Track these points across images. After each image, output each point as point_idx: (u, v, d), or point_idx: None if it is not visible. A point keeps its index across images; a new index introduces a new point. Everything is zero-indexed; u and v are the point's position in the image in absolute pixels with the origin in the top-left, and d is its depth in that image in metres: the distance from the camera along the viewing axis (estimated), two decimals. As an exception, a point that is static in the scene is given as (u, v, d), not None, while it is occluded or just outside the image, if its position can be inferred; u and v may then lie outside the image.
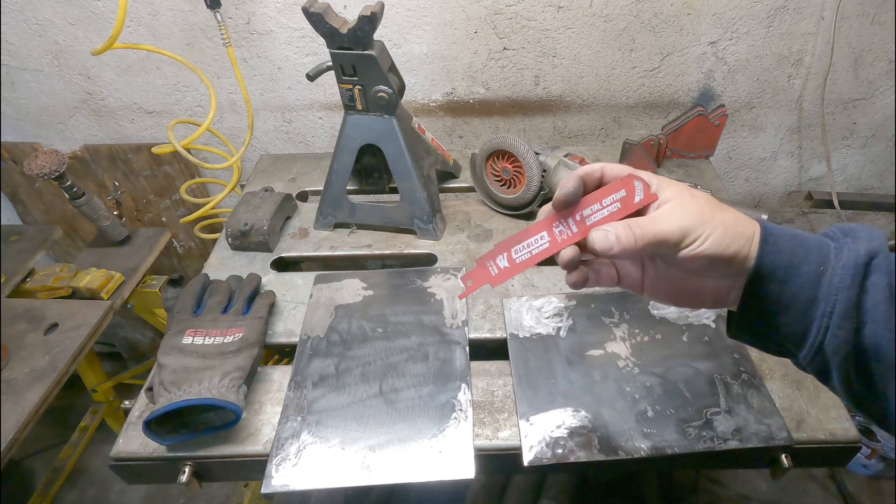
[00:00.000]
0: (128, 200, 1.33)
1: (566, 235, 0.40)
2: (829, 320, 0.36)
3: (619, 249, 0.37)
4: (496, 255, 0.41)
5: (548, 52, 1.09)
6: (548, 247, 0.40)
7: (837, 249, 0.37)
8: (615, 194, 0.40)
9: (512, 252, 0.41)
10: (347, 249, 0.91)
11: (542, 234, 0.40)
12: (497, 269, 0.41)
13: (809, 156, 1.27)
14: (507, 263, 0.41)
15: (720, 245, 0.37)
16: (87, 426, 1.37)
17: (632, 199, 0.39)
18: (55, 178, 0.89)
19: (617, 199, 0.39)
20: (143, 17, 1.05)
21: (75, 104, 1.18)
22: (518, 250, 0.41)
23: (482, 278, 0.41)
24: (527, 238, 0.41)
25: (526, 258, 0.41)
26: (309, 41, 1.08)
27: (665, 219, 0.38)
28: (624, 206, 0.39)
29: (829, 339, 0.36)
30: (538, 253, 0.40)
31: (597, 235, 0.38)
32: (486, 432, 0.64)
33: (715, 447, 0.61)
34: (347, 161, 0.88)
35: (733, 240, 0.37)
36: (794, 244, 0.37)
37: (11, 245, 1.03)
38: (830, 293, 0.36)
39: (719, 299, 0.41)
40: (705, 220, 0.37)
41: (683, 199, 0.39)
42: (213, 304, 0.73)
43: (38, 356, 0.80)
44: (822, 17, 1.04)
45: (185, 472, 0.63)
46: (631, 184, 0.39)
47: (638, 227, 0.37)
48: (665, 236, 0.37)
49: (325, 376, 0.70)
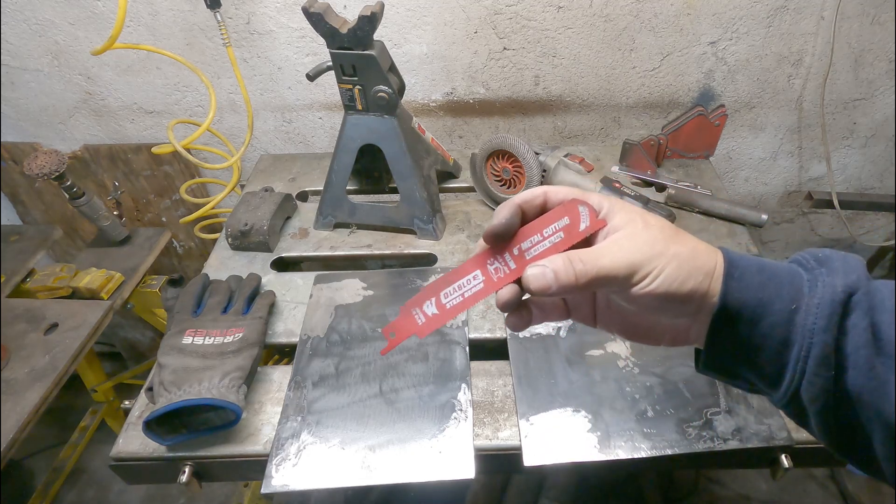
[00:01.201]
0: (128, 200, 1.33)
1: (502, 273, 0.35)
2: (805, 365, 0.32)
3: (558, 288, 0.33)
4: (423, 302, 0.36)
5: (548, 52, 1.09)
6: (482, 287, 0.35)
7: (811, 282, 0.33)
8: (557, 222, 0.35)
9: (441, 297, 0.35)
10: (347, 249, 0.91)
11: (474, 274, 0.35)
12: (424, 317, 0.36)
13: (809, 156, 1.27)
14: (435, 310, 0.35)
15: (673, 282, 0.32)
16: (87, 426, 1.36)
17: (577, 227, 0.35)
18: (55, 178, 0.89)
19: (560, 228, 0.35)
20: (143, 17, 1.05)
21: (75, 104, 1.18)
22: (448, 294, 0.35)
23: (407, 329, 0.36)
24: (458, 279, 0.35)
25: (457, 302, 0.35)
26: (309, 41, 1.08)
27: (611, 252, 0.33)
28: (568, 235, 0.35)
29: (806, 385, 0.32)
30: (471, 295, 0.35)
31: (532, 273, 0.34)
32: (486, 432, 0.64)
33: (715, 447, 0.61)
34: (347, 161, 0.88)
35: (689, 276, 0.33)
36: (763, 278, 0.33)
37: (11, 245, 1.03)
38: (805, 335, 0.32)
39: (678, 337, 0.37)
40: (657, 253, 0.33)
41: (634, 228, 0.34)
42: (213, 304, 0.73)
43: (38, 356, 0.80)
44: (822, 17, 1.04)
45: (185, 472, 0.63)
46: (575, 210, 0.35)
47: (580, 261, 0.33)
48: (610, 272, 0.33)
49: (325, 376, 0.70)
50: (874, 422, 0.31)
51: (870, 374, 0.30)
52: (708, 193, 0.96)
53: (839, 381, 0.31)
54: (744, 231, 0.91)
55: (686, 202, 0.95)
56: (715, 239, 0.90)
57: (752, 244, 0.88)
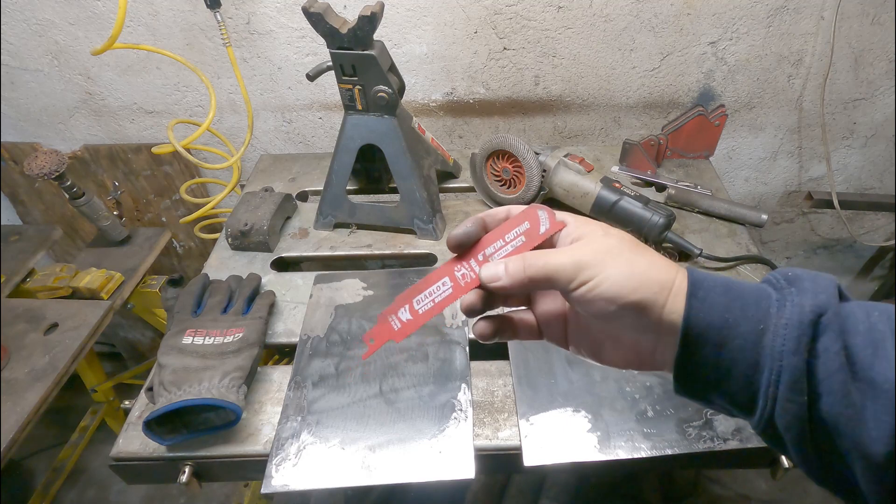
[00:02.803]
0: (128, 200, 1.33)
1: (469, 279, 0.37)
2: (776, 390, 0.30)
3: (508, 281, 0.34)
4: (398, 309, 0.38)
5: (548, 52, 1.09)
6: (451, 293, 0.37)
7: (780, 302, 0.31)
8: (518, 227, 0.37)
9: (414, 303, 0.38)
10: (347, 249, 0.91)
11: (443, 280, 0.37)
12: (399, 322, 0.38)
13: (809, 156, 1.27)
14: (409, 316, 0.38)
15: (621, 288, 0.32)
16: (87, 426, 1.36)
17: (537, 230, 0.36)
18: (55, 178, 0.89)
19: (521, 233, 0.37)
20: (143, 17, 1.05)
21: (75, 104, 1.18)
22: (420, 300, 0.37)
23: (385, 334, 0.38)
24: (428, 286, 0.37)
25: (429, 307, 0.37)
26: (309, 41, 1.08)
27: (563, 252, 0.34)
28: (529, 238, 0.36)
29: (779, 412, 0.30)
30: (441, 300, 0.37)
31: (487, 267, 0.35)
32: (486, 432, 0.64)
33: (715, 447, 0.61)
34: (347, 161, 0.88)
35: (640, 285, 0.32)
36: (728, 298, 0.32)
37: (11, 245, 1.03)
38: (774, 358, 0.30)
39: (643, 359, 0.36)
40: (609, 258, 0.33)
41: (594, 236, 0.35)
42: (213, 304, 0.73)
43: (38, 356, 0.80)
44: (822, 17, 1.04)
45: (185, 472, 0.63)
46: (534, 214, 0.37)
47: (531, 256, 0.34)
48: (556, 268, 0.33)
49: (325, 376, 0.70)
50: (853, 452, 0.29)
51: (845, 400, 0.29)
52: (708, 193, 0.96)
53: (813, 408, 0.30)
54: (744, 231, 0.91)
55: (686, 202, 0.95)
56: (715, 239, 0.90)
57: (752, 244, 0.88)
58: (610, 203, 0.86)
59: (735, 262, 0.84)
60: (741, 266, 0.85)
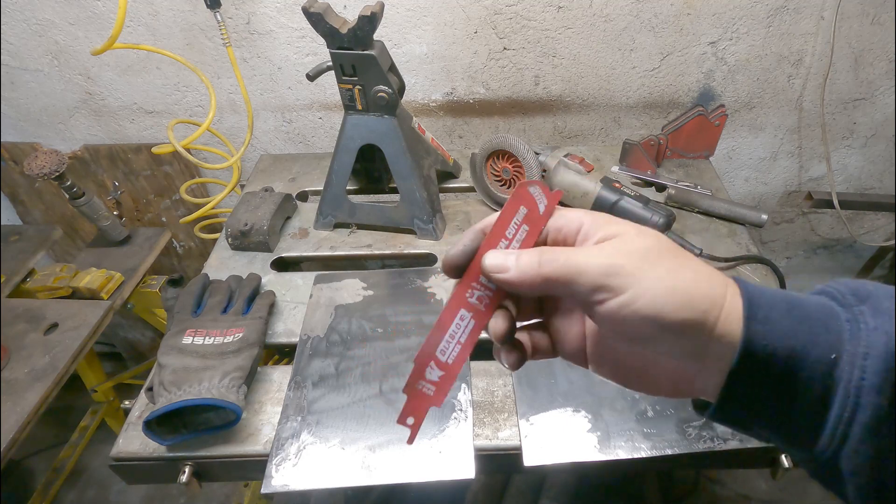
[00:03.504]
0: (128, 200, 1.33)
1: (488, 297, 0.31)
2: (848, 430, 0.25)
3: (517, 275, 0.28)
4: (424, 370, 0.32)
5: (548, 52, 1.09)
6: (474, 324, 0.31)
7: (851, 324, 0.26)
8: (516, 217, 0.30)
9: (438, 356, 0.32)
10: (347, 249, 0.91)
11: (460, 315, 0.31)
12: (433, 385, 0.32)
13: (809, 156, 1.27)
14: (440, 372, 0.32)
15: (662, 306, 0.26)
16: (87, 426, 1.36)
17: (537, 211, 0.30)
18: (55, 178, 0.89)
19: (522, 221, 0.30)
20: (143, 17, 1.05)
21: (75, 104, 1.18)
22: (444, 349, 0.31)
23: (423, 406, 0.33)
24: (446, 329, 0.31)
25: (458, 352, 0.31)
26: (309, 41, 1.08)
27: (589, 252, 0.28)
28: (532, 224, 0.30)
29: (849, 454, 0.25)
30: (468, 338, 0.31)
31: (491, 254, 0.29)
32: (486, 432, 0.64)
33: (715, 447, 0.61)
34: (347, 161, 0.88)
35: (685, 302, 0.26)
36: (794, 320, 0.26)
37: (11, 245, 1.03)
38: (849, 394, 0.25)
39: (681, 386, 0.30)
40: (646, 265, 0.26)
41: (626, 236, 0.28)
42: (213, 304, 0.73)
43: (38, 356, 0.80)
44: (822, 17, 1.04)
45: (185, 472, 0.63)
46: (526, 194, 0.30)
47: (549, 251, 0.28)
48: (579, 269, 0.27)
49: (325, 376, 0.70)
50: None
51: None
52: (708, 193, 0.96)
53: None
54: (744, 231, 0.91)
55: (686, 202, 0.95)
56: (715, 239, 0.90)
57: (752, 244, 0.88)
58: (610, 203, 0.86)
59: (735, 262, 0.84)
60: (741, 266, 0.85)
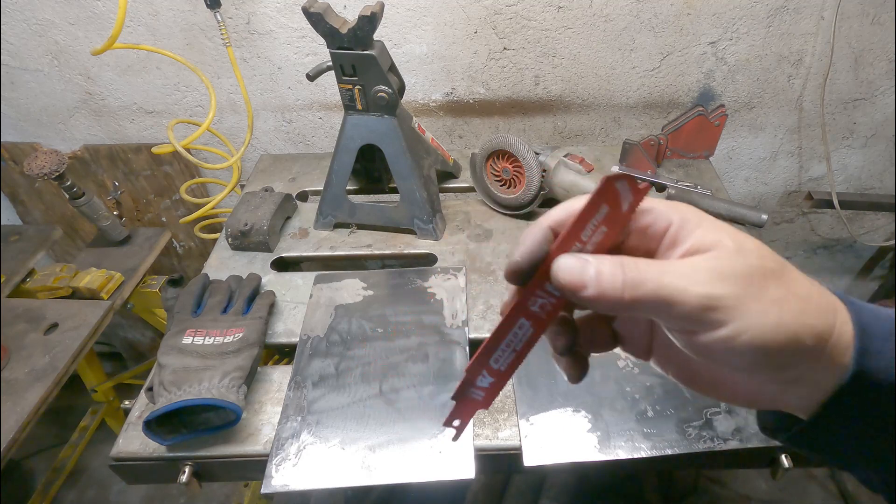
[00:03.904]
0: (128, 200, 1.33)
1: (550, 304, 0.27)
2: None
3: (596, 292, 0.23)
4: (475, 377, 0.31)
5: (548, 52, 1.09)
6: (532, 332, 0.29)
7: None
8: (596, 216, 0.25)
9: (491, 363, 0.30)
10: (347, 249, 0.91)
11: (519, 323, 0.28)
12: (482, 391, 0.31)
13: (809, 156, 1.27)
14: (491, 378, 0.31)
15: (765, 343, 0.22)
16: (87, 426, 1.37)
17: (620, 210, 0.25)
18: (55, 178, 0.89)
19: (601, 222, 0.25)
20: (143, 17, 1.05)
21: (75, 104, 1.18)
22: (498, 357, 0.30)
23: (469, 410, 0.32)
24: (503, 337, 0.29)
25: (511, 359, 0.30)
26: (309, 41, 1.08)
27: (682, 272, 0.23)
28: (611, 225, 0.26)
29: None
30: (523, 346, 0.29)
31: (565, 263, 0.24)
32: (486, 432, 0.64)
33: (715, 447, 0.61)
34: (347, 161, 0.88)
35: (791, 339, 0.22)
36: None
37: (11, 245, 1.03)
38: None
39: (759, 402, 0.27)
40: (751, 293, 0.22)
41: (724, 252, 0.24)
42: (213, 304, 0.73)
43: (38, 356, 0.80)
44: (822, 17, 1.04)
45: (185, 472, 0.63)
46: (612, 189, 0.25)
47: (635, 268, 0.23)
48: (672, 298, 0.22)
49: (325, 376, 0.70)
50: None
51: None
52: (708, 193, 0.96)
53: None
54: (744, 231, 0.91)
55: (686, 202, 0.95)
56: (715, 239, 0.89)
57: (752, 244, 0.88)
58: (610, 203, 0.86)
59: (735, 262, 0.84)
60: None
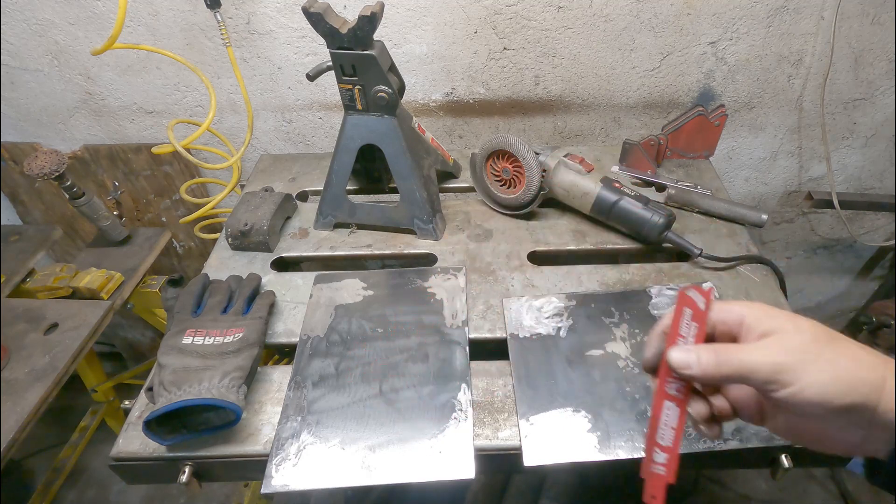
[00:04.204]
0: (128, 200, 1.33)
1: (683, 387, 0.39)
2: None
3: (699, 372, 0.34)
4: (651, 456, 0.40)
5: (548, 52, 1.09)
6: (679, 409, 0.39)
7: None
8: (684, 318, 0.38)
9: (659, 441, 0.40)
10: (347, 249, 0.91)
11: (666, 406, 0.39)
12: (662, 466, 0.40)
13: (809, 156, 1.27)
14: (665, 455, 0.40)
15: (826, 394, 0.31)
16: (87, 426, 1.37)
17: (699, 309, 0.38)
18: (55, 178, 0.89)
19: (690, 320, 0.38)
20: (143, 17, 1.05)
21: (75, 104, 1.18)
22: (662, 436, 0.40)
23: (660, 484, 0.40)
24: (658, 421, 0.40)
25: (672, 435, 0.40)
26: (309, 41, 1.08)
27: (757, 350, 0.33)
28: (699, 320, 0.38)
29: None
30: (677, 423, 0.39)
31: (675, 354, 0.36)
32: (486, 432, 0.64)
33: (715, 447, 0.61)
34: (347, 161, 0.88)
35: (849, 388, 0.31)
36: None
37: (11, 245, 1.03)
38: None
39: (852, 449, 0.35)
40: (808, 358, 0.32)
41: (785, 331, 0.34)
42: (213, 304, 0.73)
43: (38, 356, 0.80)
44: (822, 17, 1.04)
45: (185, 472, 0.63)
46: (687, 299, 0.38)
47: (724, 351, 0.34)
48: (751, 369, 0.33)
49: (325, 376, 0.70)
50: None
51: None
52: (708, 193, 0.96)
53: None
54: (744, 231, 0.91)
55: (686, 202, 0.95)
56: (715, 239, 0.90)
57: (752, 244, 0.88)
58: (610, 203, 0.86)
59: (735, 262, 0.84)
60: (741, 266, 0.85)
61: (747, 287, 0.81)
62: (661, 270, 0.84)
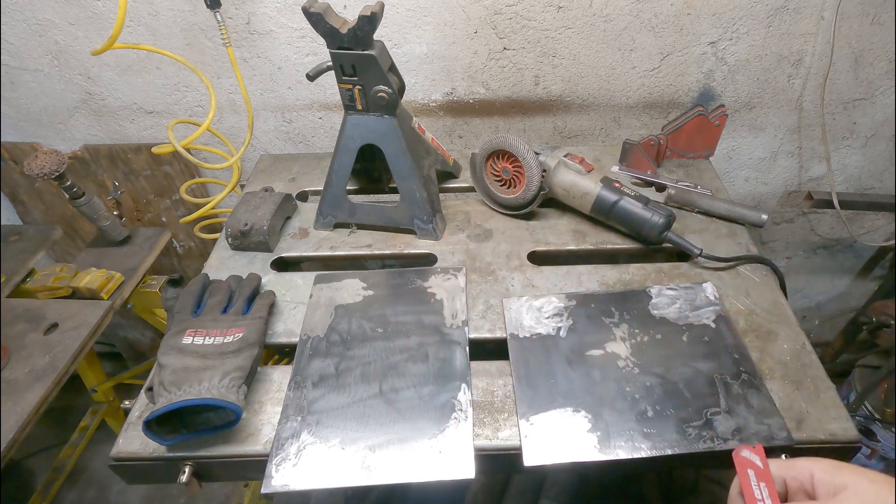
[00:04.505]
0: (128, 200, 1.33)
1: None
2: None
3: None
4: None
5: (548, 52, 1.09)
6: None
7: None
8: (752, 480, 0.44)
9: None
10: (347, 249, 0.91)
11: None
12: None
13: (809, 156, 1.27)
14: None
15: None
16: (87, 426, 1.37)
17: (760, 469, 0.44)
18: (55, 178, 0.89)
19: (757, 481, 0.43)
20: (143, 17, 1.05)
21: (75, 104, 1.18)
22: None
23: None
24: None
25: None
26: (309, 41, 1.08)
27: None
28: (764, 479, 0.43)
29: None
30: None
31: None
32: (486, 432, 0.64)
33: (715, 447, 0.61)
34: (347, 161, 0.88)
35: None
36: None
37: (11, 245, 1.03)
38: None
39: None
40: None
41: (860, 487, 0.38)
42: (213, 304, 0.73)
43: (38, 356, 0.80)
44: (822, 17, 1.04)
45: (185, 472, 0.63)
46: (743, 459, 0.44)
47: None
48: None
49: (325, 376, 0.70)
50: None
51: None
52: (708, 193, 0.96)
53: None
54: (744, 231, 0.91)
55: (686, 202, 0.95)
56: (715, 239, 0.90)
57: (752, 244, 0.88)
58: (610, 203, 0.86)
59: (735, 262, 0.84)
60: (741, 266, 0.85)
61: (747, 287, 0.81)
62: (661, 270, 0.84)
